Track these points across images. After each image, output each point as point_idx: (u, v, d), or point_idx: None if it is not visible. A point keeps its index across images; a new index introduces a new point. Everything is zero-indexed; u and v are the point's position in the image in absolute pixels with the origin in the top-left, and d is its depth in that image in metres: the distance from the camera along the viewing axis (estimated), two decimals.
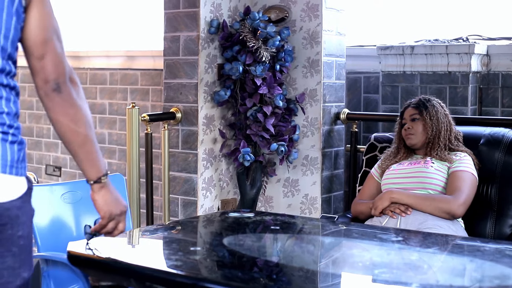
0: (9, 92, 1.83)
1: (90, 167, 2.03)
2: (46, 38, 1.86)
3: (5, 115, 1.79)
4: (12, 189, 1.81)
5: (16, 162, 1.80)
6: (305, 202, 4.24)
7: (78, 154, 1.99)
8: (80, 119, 1.94)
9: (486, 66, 4.21)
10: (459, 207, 3.11)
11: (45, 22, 1.86)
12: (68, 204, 2.91)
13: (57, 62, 1.89)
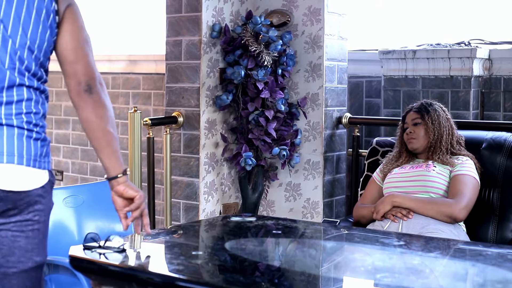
0: (38, 95, 2.11)
1: (115, 163, 2.23)
2: (78, 46, 2.15)
3: (32, 114, 2.07)
4: (33, 180, 2.07)
5: (38, 157, 2.08)
6: (307, 206, 4.24)
7: (104, 151, 2.21)
8: (108, 119, 2.18)
9: (488, 70, 4.21)
10: (461, 211, 3.11)
11: (77, 34, 2.16)
12: (70, 208, 2.91)
13: (88, 67, 2.15)
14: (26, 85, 2.07)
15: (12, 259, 2.07)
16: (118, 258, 2.25)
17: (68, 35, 2.16)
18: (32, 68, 2.08)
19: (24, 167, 2.04)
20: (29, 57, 2.07)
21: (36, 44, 2.08)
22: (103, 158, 2.22)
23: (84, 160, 5.51)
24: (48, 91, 2.18)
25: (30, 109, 2.07)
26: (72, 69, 2.16)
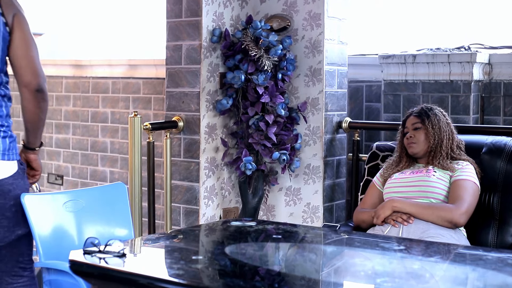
0: (1, 100, 2.64)
1: (36, 139, 2.77)
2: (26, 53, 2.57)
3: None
4: (3, 170, 2.58)
5: (7, 151, 2.59)
6: (307, 211, 4.24)
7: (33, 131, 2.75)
8: (45, 110, 2.69)
9: (488, 74, 4.22)
10: (461, 216, 3.11)
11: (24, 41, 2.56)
12: (70, 213, 2.91)
13: (35, 70, 2.60)
14: None
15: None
16: (118, 262, 2.25)
17: (17, 42, 2.57)
18: None
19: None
20: None
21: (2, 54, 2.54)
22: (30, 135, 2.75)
23: (84, 164, 5.51)
24: (9, 90, 2.70)
25: None
26: (23, 71, 2.62)
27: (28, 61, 2.60)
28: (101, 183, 5.34)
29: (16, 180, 2.64)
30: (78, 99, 5.56)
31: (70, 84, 5.61)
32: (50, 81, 5.74)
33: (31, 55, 2.59)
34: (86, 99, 5.49)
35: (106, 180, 5.34)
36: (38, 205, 2.80)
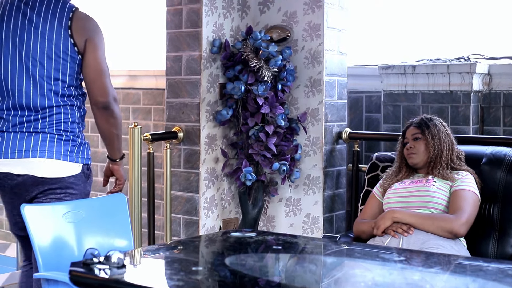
0: (67, 108, 2.95)
1: (118, 150, 3.12)
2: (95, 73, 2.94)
3: (63, 123, 2.92)
4: (64, 169, 2.90)
5: (68, 152, 2.91)
6: (307, 221, 4.23)
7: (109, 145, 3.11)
8: (116, 125, 3.02)
9: (487, 85, 4.22)
10: (461, 226, 3.11)
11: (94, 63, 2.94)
12: (70, 224, 2.91)
13: (103, 89, 2.96)
14: (58, 105, 2.91)
15: None
16: (118, 273, 2.24)
17: (87, 65, 2.93)
18: (60, 91, 2.90)
19: (57, 160, 2.88)
20: (56, 84, 2.90)
21: (60, 73, 2.90)
22: (108, 148, 3.11)
23: None
24: (81, 101, 3.02)
25: (61, 119, 2.92)
26: (91, 92, 2.96)
27: (95, 83, 2.94)
28: (101, 193, 5.33)
29: (77, 180, 2.95)
30: None
31: None
32: None
33: (99, 77, 2.94)
34: (86, 109, 5.49)
35: (105, 190, 5.33)
36: (38, 216, 2.80)
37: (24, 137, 2.89)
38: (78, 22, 2.92)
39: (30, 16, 2.90)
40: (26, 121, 2.90)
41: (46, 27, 2.88)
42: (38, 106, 2.89)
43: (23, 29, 2.90)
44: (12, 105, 2.92)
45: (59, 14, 2.89)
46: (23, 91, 2.90)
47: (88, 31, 2.93)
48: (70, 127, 2.95)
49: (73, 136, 2.96)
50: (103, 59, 2.98)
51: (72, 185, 2.93)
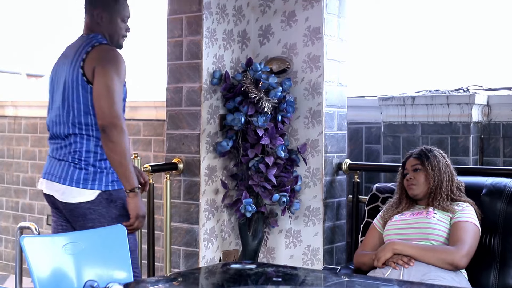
0: (83, 137, 3.08)
1: (126, 181, 3.07)
2: (97, 99, 3.01)
3: (78, 152, 3.07)
4: (78, 196, 3.05)
5: (82, 180, 3.05)
6: (307, 253, 4.22)
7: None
8: (115, 150, 3.01)
9: (487, 116, 4.23)
10: (462, 258, 3.09)
11: (98, 89, 3.02)
12: (70, 255, 2.89)
13: (103, 114, 3.01)
14: (74, 133, 3.06)
15: None
16: None
17: (94, 92, 3.03)
18: (76, 120, 3.06)
19: (70, 187, 3.05)
20: (74, 113, 3.07)
21: (75, 101, 3.06)
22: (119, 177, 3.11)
23: None
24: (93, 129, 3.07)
25: (77, 148, 3.07)
26: (95, 112, 3.04)
27: (96, 105, 3.02)
28: None
29: (95, 206, 3.06)
30: None
31: None
32: None
33: (99, 100, 3.01)
34: None
35: None
36: (37, 247, 2.79)
37: (55, 163, 3.13)
38: (92, 54, 3.09)
39: (67, 53, 3.18)
40: (57, 148, 3.15)
41: (70, 61, 3.12)
42: (62, 134, 3.12)
43: (61, 62, 3.20)
44: (52, 133, 3.19)
45: (82, 47, 3.12)
46: (55, 121, 3.15)
47: (97, 60, 3.07)
48: (85, 156, 3.08)
49: (85, 165, 3.07)
50: (108, 84, 3.03)
51: (89, 211, 3.06)
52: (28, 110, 6.03)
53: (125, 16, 3.27)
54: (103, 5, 3.23)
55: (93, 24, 3.23)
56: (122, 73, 3.10)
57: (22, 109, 6.09)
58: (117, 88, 3.05)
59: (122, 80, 3.09)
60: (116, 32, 3.25)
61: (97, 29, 3.22)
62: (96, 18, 3.22)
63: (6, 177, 6.16)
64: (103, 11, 3.22)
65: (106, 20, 3.22)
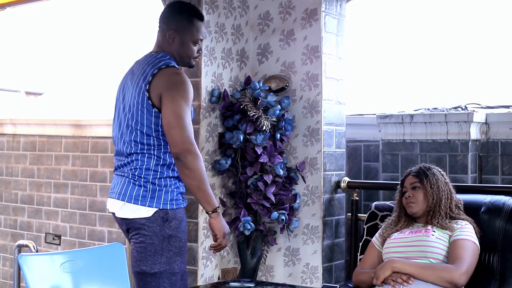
0: (144, 156, 3.11)
1: (207, 203, 3.09)
2: (167, 126, 3.03)
3: (138, 169, 3.10)
4: (135, 212, 3.07)
5: (141, 197, 3.08)
6: (306, 271, 4.21)
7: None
8: (193, 176, 3.04)
9: (485, 134, 4.24)
10: (461, 276, 3.09)
11: (167, 116, 3.03)
12: (68, 274, 2.89)
13: (175, 140, 3.02)
14: (136, 152, 3.11)
15: (132, 263, 3.07)
16: None
17: (163, 119, 3.05)
18: (139, 140, 3.11)
19: (128, 203, 3.09)
20: (137, 134, 3.11)
21: (139, 123, 3.10)
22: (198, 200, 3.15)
23: (82, 224, 5.49)
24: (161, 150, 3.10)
25: (137, 166, 3.11)
26: (167, 140, 3.06)
27: (168, 134, 3.05)
28: (99, 243, 5.31)
29: (150, 223, 3.07)
30: (77, 158, 5.57)
31: (69, 143, 5.63)
32: (50, 141, 5.77)
33: (170, 129, 3.04)
34: (85, 158, 5.51)
35: (104, 240, 5.31)
36: (36, 266, 2.79)
37: (118, 180, 3.20)
38: (157, 78, 3.10)
39: (134, 70, 3.23)
40: (120, 165, 3.22)
41: (136, 81, 3.16)
42: (125, 152, 3.17)
43: (128, 78, 3.25)
44: (117, 150, 3.28)
45: (149, 68, 3.15)
46: (119, 138, 3.24)
47: (164, 86, 3.08)
48: (144, 174, 3.11)
49: (144, 182, 3.10)
50: (178, 112, 3.05)
51: (144, 227, 3.08)
52: (27, 128, 6.04)
53: (198, 39, 3.25)
54: (177, 27, 3.22)
55: (164, 43, 3.24)
56: (189, 97, 3.10)
57: (21, 127, 6.09)
58: (186, 114, 3.06)
59: (189, 104, 3.10)
60: (187, 54, 3.25)
61: (167, 49, 3.23)
62: (168, 38, 3.22)
63: (4, 194, 6.15)
64: (176, 33, 3.21)
65: (178, 42, 3.22)
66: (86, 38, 8.37)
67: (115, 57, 6.08)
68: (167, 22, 3.24)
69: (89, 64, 7.90)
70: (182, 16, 3.23)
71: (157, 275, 3.08)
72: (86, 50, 8.20)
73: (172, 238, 3.09)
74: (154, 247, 3.08)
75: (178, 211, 3.13)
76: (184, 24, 3.21)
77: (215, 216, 3.12)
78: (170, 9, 3.31)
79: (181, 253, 3.12)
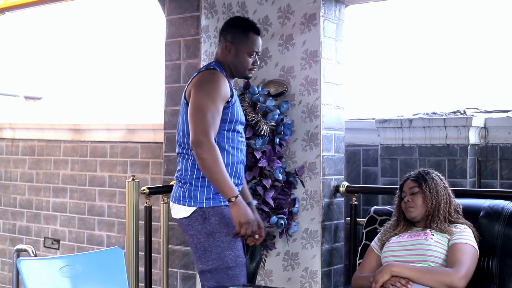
0: (183, 157, 3.32)
1: (222, 193, 3.18)
2: (189, 120, 3.21)
3: (180, 169, 3.32)
4: (178, 212, 3.30)
5: (181, 197, 3.28)
6: (305, 275, 4.21)
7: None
8: (204, 166, 3.15)
9: (484, 138, 4.24)
10: (460, 280, 3.09)
11: (189, 111, 3.22)
12: (67, 278, 2.89)
13: (191, 133, 3.17)
14: (179, 152, 3.34)
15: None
16: None
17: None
18: (181, 140, 3.32)
19: (172, 203, 3.35)
20: (181, 134, 3.33)
21: (181, 123, 3.32)
22: None
23: (81, 228, 5.49)
24: (189, 148, 3.23)
25: (178, 169, 3.33)
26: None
27: (189, 127, 3.19)
28: (98, 247, 5.31)
29: (192, 222, 3.25)
30: (76, 163, 5.57)
31: (68, 148, 5.63)
32: (49, 145, 5.77)
33: (189, 120, 3.20)
34: (84, 163, 5.51)
35: (103, 244, 5.31)
36: (34, 270, 2.78)
37: None
38: (194, 79, 3.31)
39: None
40: None
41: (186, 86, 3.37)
42: (176, 153, 3.41)
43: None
44: None
45: (194, 74, 3.36)
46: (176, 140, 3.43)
47: (192, 85, 3.29)
48: (184, 174, 3.30)
49: (183, 183, 3.28)
50: (197, 103, 3.21)
51: (188, 227, 3.28)
52: (25, 133, 6.04)
53: (253, 51, 3.41)
54: (233, 39, 3.40)
55: (222, 53, 3.42)
56: (214, 93, 3.22)
57: (19, 132, 6.09)
58: (206, 107, 3.18)
59: (214, 99, 3.21)
60: (242, 66, 3.41)
61: (223, 59, 3.41)
62: (225, 49, 3.41)
63: (3, 199, 6.15)
64: (231, 44, 3.39)
65: (234, 53, 3.39)
66: (85, 43, 8.38)
67: (113, 62, 6.08)
68: (224, 35, 3.44)
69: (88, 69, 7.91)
70: (239, 29, 3.42)
71: (213, 271, 3.25)
72: (84, 55, 8.20)
73: (216, 234, 3.23)
74: (202, 245, 3.25)
75: (218, 209, 3.25)
76: (240, 36, 3.40)
77: (231, 205, 3.17)
78: (228, 23, 3.51)
79: (231, 247, 3.25)
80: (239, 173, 3.38)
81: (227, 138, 3.32)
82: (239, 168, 3.39)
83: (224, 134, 3.30)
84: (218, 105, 3.23)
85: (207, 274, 3.28)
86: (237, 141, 3.37)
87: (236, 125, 3.35)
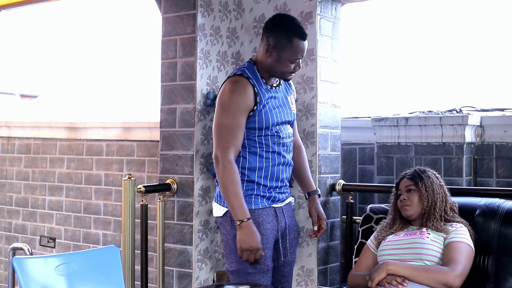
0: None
1: (232, 212, 3.20)
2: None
3: None
4: (215, 210, 3.39)
5: (217, 195, 3.36)
6: (301, 274, 4.20)
7: None
8: (219, 183, 3.23)
9: (480, 137, 4.24)
10: (456, 278, 3.09)
11: (213, 125, 3.32)
12: (62, 277, 2.89)
13: (214, 147, 3.27)
14: None
15: None
16: None
17: None
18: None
19: (213, 202, 3.42)
20: None
21: None
22: None
23: (77, 227, 5.48)
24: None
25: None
26: None
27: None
28: (94, 245, 5.30)
29: (224, 222, 3.32)
30: (72, 161, 5.56)
31: (64, 146, 5.62)
32: (44, 143, 5.76)
33: (213, 135, 3.28)
34: (80, 161, 5.50)
35: (99, 242, 5.30)
36: (30, 269, 2.78)
37: None
38: (220, 89, 3.36)
39: None
40: None
41: None
42: None
43: None
44: None
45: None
46: None
47: (218, 96, 3.36)
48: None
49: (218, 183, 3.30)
50: (216, 120, 3.27)
51: (221, 225, 3.37)
52: (21, 131, 6.03)
53: (295, 59, 3.28)
54: (275, 43, 3.26)
55: (263, 55, 3.32)
56: (235, 106, 3.20)
57: (15, 130, 6.08)
58: (223, 121, 3.22)
59: (229, 110, 3.20)
60: (281, 71, 3.31)
61: (263, 60, 3.31)
62: (266, 52, 3.29)
63: None
64: (274, 49, 3.27)
65: (275, 58, 3.28)
66: (81, 41, 8.37)
67: (110, 60, 6.08)
68: (267, 36, 3.30)
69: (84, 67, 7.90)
70: (282, 34, 3.24)
71: (234, 273, 3.32)
72: (80, 53, 8.19)
73: (232, 235, 3.27)
74: (229, 246, 3.30)
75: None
76: (283, 43, 3.25)
77: (237, 227, 3.18)
78: (272, 24, 3.33)
79: None
80: (276, 175, 3.36)
81: (259, 143, 3.31)
82: (277, 170, 3.36)
83: (255, 140, 3.31)
84: (239, 118, 3.20)
85: (230, 274, 3.35)
86: (273, 144, 3.34)
87: (268, 130, 3.31)
